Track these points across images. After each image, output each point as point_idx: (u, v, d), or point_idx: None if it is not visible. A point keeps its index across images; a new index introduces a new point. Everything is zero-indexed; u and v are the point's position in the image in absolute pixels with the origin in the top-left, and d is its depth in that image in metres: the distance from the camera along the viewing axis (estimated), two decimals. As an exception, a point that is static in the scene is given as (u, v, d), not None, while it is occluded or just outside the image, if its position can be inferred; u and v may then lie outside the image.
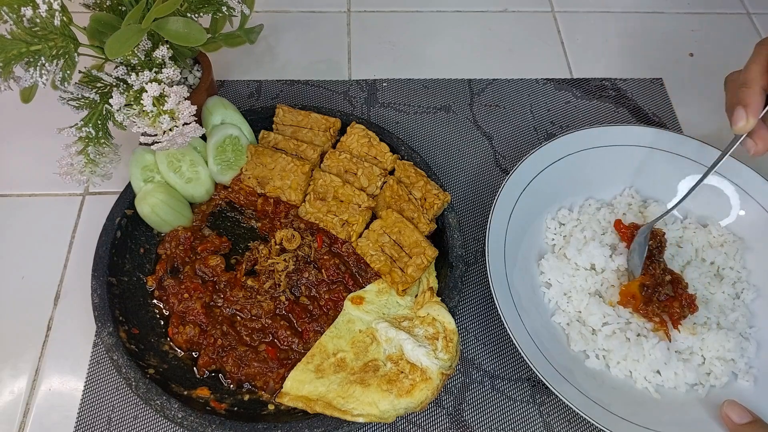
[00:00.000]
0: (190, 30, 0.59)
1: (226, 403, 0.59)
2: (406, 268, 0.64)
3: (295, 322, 0.65)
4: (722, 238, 0.70)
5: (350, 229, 0.67)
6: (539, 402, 0.64)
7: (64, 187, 0.75)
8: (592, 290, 0.67)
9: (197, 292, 0.65)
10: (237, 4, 0.67)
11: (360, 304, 0.64)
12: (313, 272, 0.67)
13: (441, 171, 0.80)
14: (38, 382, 0.64)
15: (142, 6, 0.57)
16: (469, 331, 0.68)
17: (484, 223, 0.74)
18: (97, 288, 0.62)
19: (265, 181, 0.70)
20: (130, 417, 0.61)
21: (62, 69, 0.57)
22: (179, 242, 0.68)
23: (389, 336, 0.59)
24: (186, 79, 0.73)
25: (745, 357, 0.63)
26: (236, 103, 0.75)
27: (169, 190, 0.68)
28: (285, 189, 0.70)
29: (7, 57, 0.54)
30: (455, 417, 0.62)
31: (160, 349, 0.63)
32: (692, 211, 0.73)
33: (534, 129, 0.85)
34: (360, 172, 0.70)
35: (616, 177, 0.74)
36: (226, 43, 0.75)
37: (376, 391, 0.56)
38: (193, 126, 0.62)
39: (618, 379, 0.63)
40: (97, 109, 0.62)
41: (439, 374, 0.56)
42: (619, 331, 0.64)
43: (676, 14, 1.00)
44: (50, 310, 0.68)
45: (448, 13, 0.98)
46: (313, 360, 0.60)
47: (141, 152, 0.69)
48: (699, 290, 0.67)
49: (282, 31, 0.94)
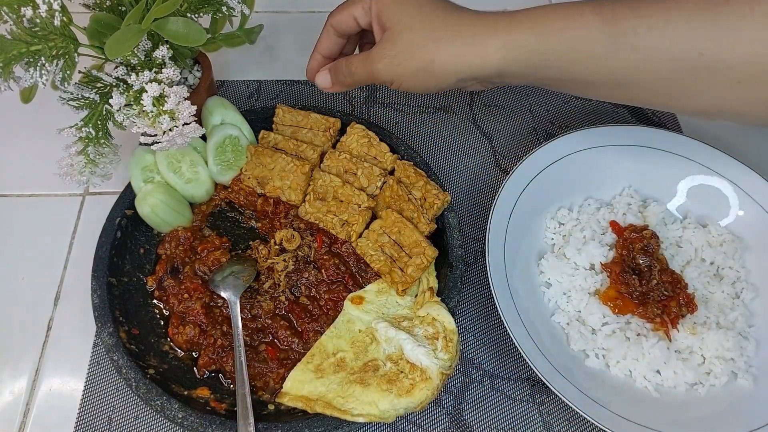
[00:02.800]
0: (190, 30, 0.59)
1: (226, 403, 0.59)
2: (406, 268, 0.64)
3: (295, 322, 0.65)
4: (721, 238, 0.70)
5: (350, 229, 0.67)
6: (539, 401, 0.64)
7: (64, 187, 0.75)
8: (592, 290, 0.67)
9: (197, 292, 0.65)
10: (237, 4, 0.67)
11: (360, 304, 0.64)
12: (313, 272, 0.67)
13: (441, 171, 0.80)
14: (38, 382, 0.64)
15: (142, 6, 0.57)
16: (469, 330, 0.68)
17: (484, 223, 0.75)
18: (97, 288, 0.62)
19: (265, 181, 0.70)
20: (130, 417, 0.61)
21: (62, 69, 0.57)
22: (179, 242, 0.68)
23: (389, 336, 0.60)
24: (186, 79, 0.73)
25: (745, 356, 0.63)
26: (236, 103, 0.75)
27: (169, 191, 0.68)
28: (285, 189, 0.70)
29: (7, 57, 0.54)
30: (455, 416, 0.63)
31: (160, 350, 0.63)
32: (692, 211, 0.73)
33: (534, 129, 0.85)
34: (360, 172, 0.70)
35: (616, 177, 0.75)
36: (226, 44, 0.75)
37: (376, 391, 0.56)
38: (193, 126, 0.62)
39: (618, 378, 0.63)
40: (97, 110, 0.62)
41: (439, 374, 0.56)
42: (618, 330, 0.64)
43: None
44: (50, 310, 0.68)
45: (448, 13, 0.98)
46: (312, 360, 0.60)
47: (141, 152, 0.69)
48: (698, 290, 0.67)
49: (282, 31, 0.94)
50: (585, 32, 0.50)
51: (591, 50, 0.50)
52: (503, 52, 0.52)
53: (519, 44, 0.52)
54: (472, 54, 0.52)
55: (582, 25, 0.50)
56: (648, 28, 0.48)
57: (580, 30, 0.50)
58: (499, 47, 0.52)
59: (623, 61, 0.50)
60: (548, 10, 0.52)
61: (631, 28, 0.48)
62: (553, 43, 0.51)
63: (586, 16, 0.50)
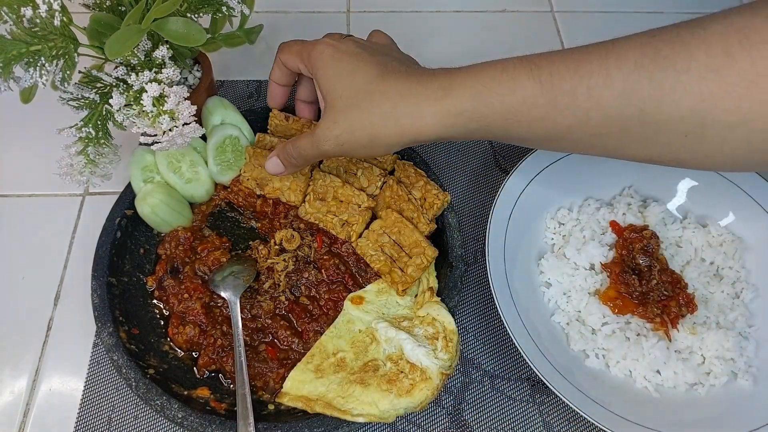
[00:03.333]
0: (190, 30, 0.59)
1: (226, 403, 0.59)
2: (406, 268, 0.64)
3: (294, 322, 0.65)
4: (721, 238, 0.70)
5: (350, 229, 0.67)
6: (539, 401, 0.64)
7: (64, 187, 0.75)
8: (592, 290, 0.67)
9: (197, 292, 0.65)
10: (237, 4, 0.67)
11: (360, 304, 0.64)
12: (313, 272, 0.67)
13: (441, 171, 0.80)
14: (38, 382, 0.64)
15: (142, 6, 0.57)
16: (469, 330, 0.68)
17: (484, 223, 0.74)
18: (97, 288, 0.62)
19: (264, 182, 0.70)
20: (130, 417, 0.61)
21: (62, 69, 0.57)
22: (179, 242, 0.68)
23: (389, 336, 0.60)
24: (186, 79, 0.73)
25: (745, 356, 0.63)
26: (236, 103, 0.75)
27: (169, 191, 0.68)
28: (284, 190, 0.69)
29: (7, 57, 0.54)
30: (455, 416, 0.63)
31: (160, 349, 0.63)
32: (692, 211, 0.73)
33: (534, 129, 0.85)
34: (360, 173, 0.70)
35: (616, 177, 0.75)
36: (226, 44, 0.75)
37: (376, 391, 0.56)
38: (193, 126, 0.62)
39: (618, 378, 0.63)
40: (97, 110, 0.62)
41: (439, 374, 0.56)
42: (618, 330, 0.64)
43: (676, 14, 1.00)
44: (50, 310, 0.68)
45: (448, 13, 0.99)
46: (312, 360, 0.60)
47: (141, 152, 0.69)
48: (698, 290, 0.67)
49: (282, 31, 0.94)
50: (522, 98, 0.50)
51: (529, 114, 0.50)
52: (440, 118, 0.52)
53: (457, 111, 0.52)
54: (410, 125, 0.53)
55: (519, 91, 0.50)
56: (588, 89, 0.47)
57: (518, 96, 0.50)
58: (436, 114, 0.52)
59: (561, 122, 0.50)
60: (484, 72, 0.52)
61: (569, 91, 0.48)
62: (490, 109, 0.51)
63: (523, 83, 0.49)
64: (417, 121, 0.52)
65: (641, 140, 0.49)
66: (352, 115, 0.54)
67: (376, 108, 0.53)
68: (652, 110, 0.46)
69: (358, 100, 0.54)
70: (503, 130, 0.52)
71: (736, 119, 0.44)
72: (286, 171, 0.64)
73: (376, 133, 0.54)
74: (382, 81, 0.54)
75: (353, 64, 0.55)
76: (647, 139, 0.49)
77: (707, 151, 0.48)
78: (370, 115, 0.53)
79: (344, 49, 0.57)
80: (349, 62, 0.56)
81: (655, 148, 0.50)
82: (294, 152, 0.61)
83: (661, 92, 0.45)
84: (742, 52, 0.43)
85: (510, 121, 0.51)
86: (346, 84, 0.55)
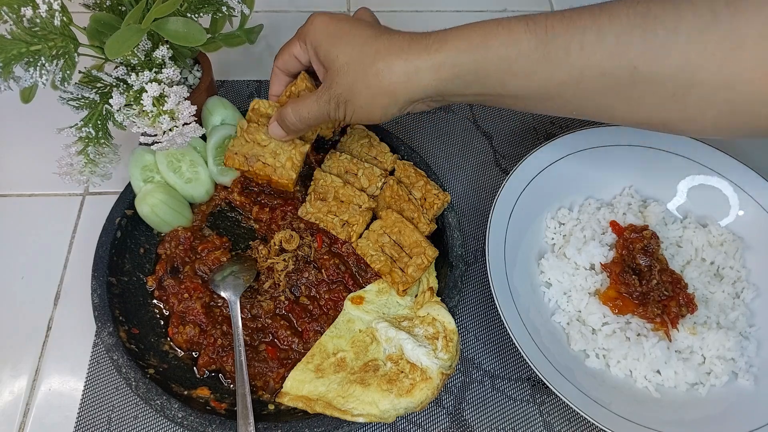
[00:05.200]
0: (190, 30, 0.59)
1: (226, 403, 0.59)
2: (406, 268, 0.64)
3: (295, 322, 0.65)
4: (722, 238, 0.70)
5: (350, 229, 0.67)
6: (539, 401, 0.64)
7: (64, 187, 0.75)
8: (592, 290, 0.67)
9: (197, 292, 0.65)
10: (237, 4, 0.67)
11: (360, 304, 0.64)
12: (313, 272, 0.67)
13: (441, 171, 0.80)
14: (38, 382, 0.64)
15: (142, 6, 0.57)
16: (469, 330, 0.68)
17: (484, 223, 0.75)
18: (97, 288, 0.62)
19: (255, 158, 0.66)
20: (130, 417, 0.61)
21: (62, 69, 0.57)
22: (179, 242, 0.68)
23: (389, 336, 0.59)
24: (186, 79, 0.73)
25: (745, 356, 0.63)
26: (236, 103, 0.75)
27: (168, 190, 0.68)
28: (277, 167, 0.66)
29: (7, 57, 0.54)
30: (455, 416, 0.63)
31: (160, 349, 0.63)
32: (692, 211, 0.73)
33: (534, 129, 0.85)
34: (360, 173, 0.70)
35: (616, 177, 0.75)
36: (226, 43, 0.75)
37: (376, 391, 0.56)
38: (193, 126, 0.62)
39: (618, 378, 0.63)
40: (97, 109, 0.62)
41: (439, 374, 0.56)
42: (619, 330, 0.64)
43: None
44: (50, 310, 0.68)
45: (448, 13, 0.99)
46: (313, 360, 0.60)
47: (141, 152, 0.69)
48: (699, 290, 0.67)
49: (282, 31, 0.94)
50: (518, 50, 0.50)
51: (524, 66, 0.51)
52: (436, 70, 0.52)
53: (453, 63, 0.52)
54: (405, 81, 0.53)
55: (514, 44, 0.50)
56: (581, 44, 0.48)
57: (514, 48, 0.50)
58: (431, 67, 0.52)
59: (556, 77, 0.50)
60: (480, 27, 0.53)
61: (563, 46, 0.49)
62: (487, 60, 0.51)
63: (519, 35, 0.50)
64: (412, 77, 0.53)
65: (631, 100, 0.50)
66: (350, 75, 0.55)
67: (370, 67, 0.54)
68: (645, 67, 0.47)
69: (354, 60, 0.54)
70: (499, 82, 0.52)
71: (720, 80, 0.45)
72: (287, 136, 0.64)
73: (374, 92, 0.54)
74: (375, 41, 0.54)
75: (347, 26, 0.56)
76: (637, 99, 0.50)
77: (693, 114, 0.49)
78: (366, 75, 0.54)
79: (337, 17, 0.58)
80: (342, 26, 0.57)
81: (644, 110, 0.51)
82: (294, 116, 0.61)
83: (652, 50, 0.46)
84: (727, 14, 0.44)
85: (506, 73, 0.51)
86: (342, 46, 0.55)
